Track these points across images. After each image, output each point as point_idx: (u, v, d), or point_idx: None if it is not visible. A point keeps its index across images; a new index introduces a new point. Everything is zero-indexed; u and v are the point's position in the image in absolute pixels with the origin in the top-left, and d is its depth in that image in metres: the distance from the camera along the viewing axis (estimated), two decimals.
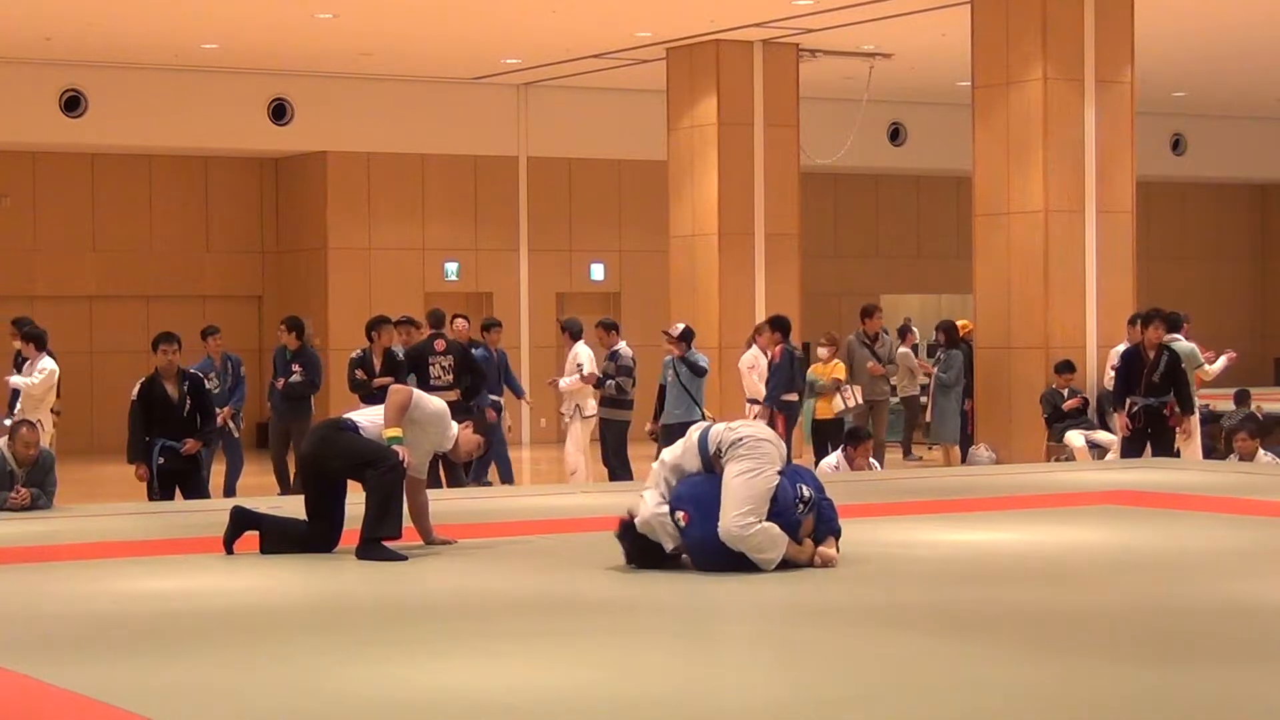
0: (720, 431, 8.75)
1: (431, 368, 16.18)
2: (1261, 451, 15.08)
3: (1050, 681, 6.13)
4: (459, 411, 14.36)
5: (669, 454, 8.90)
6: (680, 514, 8.60)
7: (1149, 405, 15.12)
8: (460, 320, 17.40)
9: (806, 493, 8.71)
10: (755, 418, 17.69)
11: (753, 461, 8.56)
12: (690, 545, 8.57)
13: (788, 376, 17.09)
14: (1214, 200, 32.71)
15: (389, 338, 16.54)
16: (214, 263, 25.59)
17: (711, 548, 8.48)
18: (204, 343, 16.97)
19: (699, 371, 16.57)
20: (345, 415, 9.78)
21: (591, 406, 17.37)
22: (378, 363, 16.37)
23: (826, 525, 8.82)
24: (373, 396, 15.50)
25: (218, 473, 16.68)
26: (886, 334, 21.15)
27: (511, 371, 18.84)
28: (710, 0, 19.84)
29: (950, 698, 5.92)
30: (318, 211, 25.16)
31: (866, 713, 5.78)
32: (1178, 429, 15.17)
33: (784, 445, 9.01)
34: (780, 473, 8.68)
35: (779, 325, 17.21)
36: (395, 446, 9.32)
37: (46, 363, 14.77)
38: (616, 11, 20.43)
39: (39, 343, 15.00)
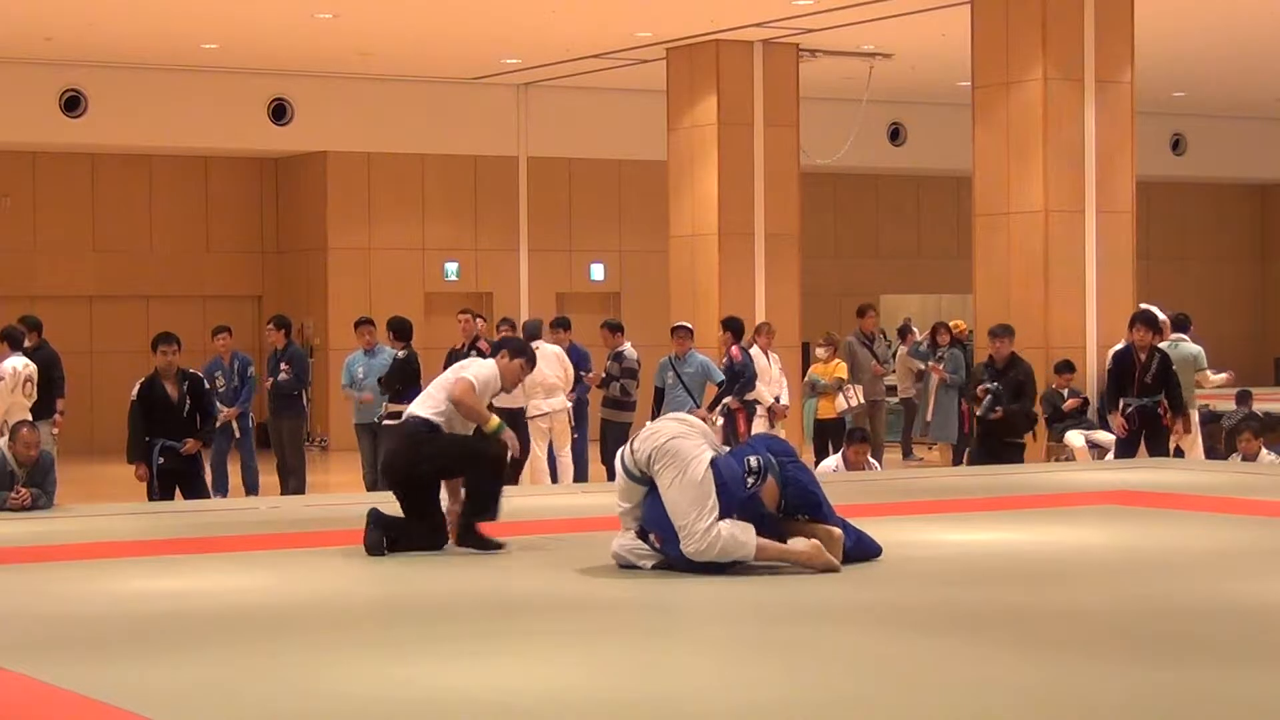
0: (629, 452, 8.54)
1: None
2: (1265, 451, 15.08)
3: (1050, 681, 6.13)
4: None
5: (617, 494, 8.74)
6: (652, 535, 8.55)
7: (1142, 406, 15.11)
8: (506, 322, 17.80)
9: (754, 462, 8.41)
10: (758, 418, 17.70)
11: (672, 469, 8.33)
12: (672, 562, 8.50)
13: (752, 375, 17.13)
14: (1214, 200, 32.72)
15: (360, 339, 16.78)
16: (214, 263, 25.60)
17: (690, 562, 8.40)
18: (213, 341, 17.05)
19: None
20: (413, 415, 9.55)
21: (538, 407, 17.17)
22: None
23: (795, 488, 8.53)
24: (397, 396, 15.75)
25: (233, 473, 16.71)
26: (885, 335, 21.16)
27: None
28: (710, 0, 19.84)
29: (950, 698, 5.92)
30: (318, 211, 25.16)
31: (866, 713, 5.78)
32: (1171, 429, 15.12)
33: (693, 420, 8.82)
34: (714, 449, 8.45)
35: (731, 326, 17.26)
36: (501, 436, 9.42)
37: (8, 364, 14.69)
38: (616, 11, 20.43)
39: (13, 342, 14.98)
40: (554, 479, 17.14)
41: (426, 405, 9.53)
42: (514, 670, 6.42)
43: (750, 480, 8.41)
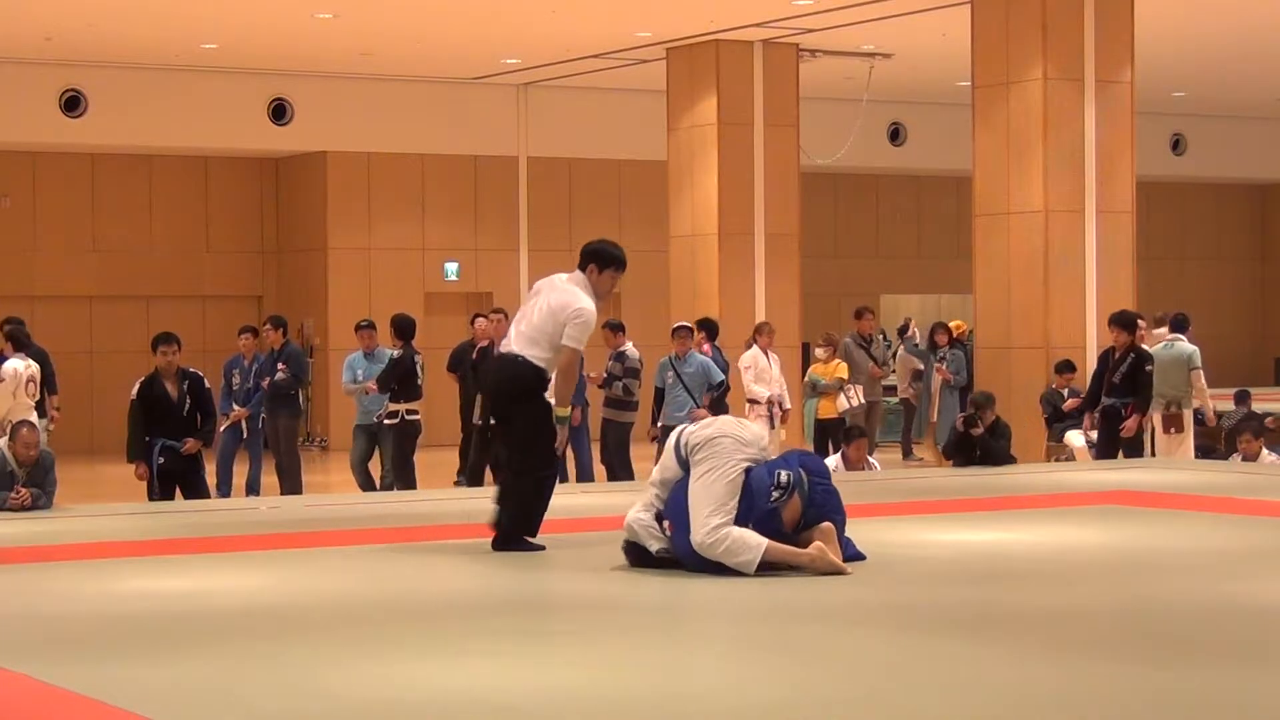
0: (688, 433, 8.60)
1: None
2: (1265, 451, 15.07)
3: (1050, 681, 6.13)
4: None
5: (657, 467, 8.79)
6: (666, 523, 8.56)
7: (1109, 406, 15.17)
8: (481, 320, 17.73)
9: (784, 477, 8.39)
10: (755, 418, 17.71)
11: (710, 463, 8.38)
12: (678, 554, 8.51)
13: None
14: (1214, 200, 32.72)
15: (361, 341, 16.80)
16: (214, 263, 25.59)
17: (695, 556, 8.41)
18: (237, 339, 17.14)
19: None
20: (523, 356, 9.38)
21: None
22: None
23: (818, 510, 8.49)
24: (395, 396, 16.05)
25: (239, 472, 16.72)
26: (885, 336, 21.14)
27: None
28: (710, 0, 19.84)
29: (950, 698, 5.92)
30: (318, 211, 25.16)
31: (866, 713, 5.78)
32: (1124, 428, 15.11)
33: (754, 430, 8.79)
34: (756, 462, 8.45)
35: (706, 326, 17.29)
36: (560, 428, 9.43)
37: (10, 366, 14.67)
38: (616, 11, 20.43)
39: (16, 342, 14.98)
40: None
41: (536, 348, 9.40)
42: (514, 670, 6.42)
43: (775, 494, 8.40)
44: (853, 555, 8.71)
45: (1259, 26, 21.85)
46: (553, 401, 9.50)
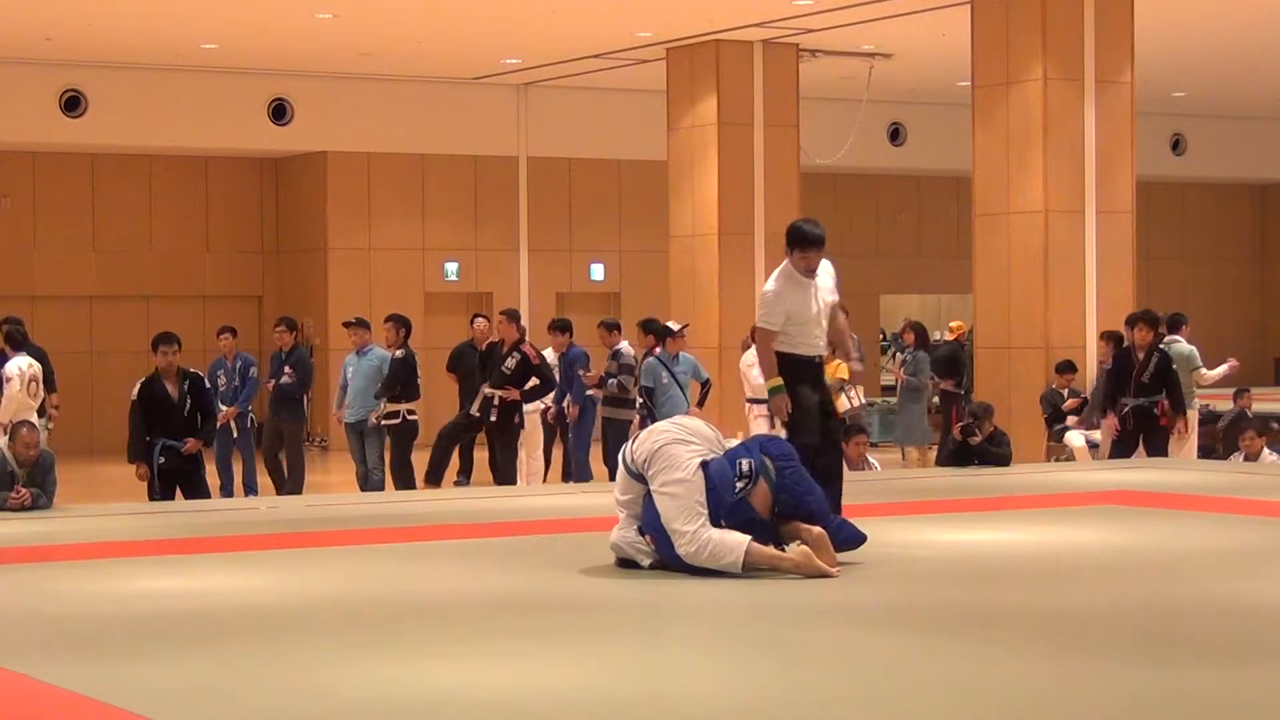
0: (631, 451, 8.56)
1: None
2: (1266, 450, 15.08)
3: (1050, 681, 6.13)
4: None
5: (616, 489, 8.76)
6: (647, 537, 8.54)
7: (1139, 406, 15.11)
8: (481, 320, 17.66)
9: (745, 466, 8.32)
10: (756, 418, 17.72)
11: (665, 473, 8.35)
12: (667, 562, 8.48)
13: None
14: (1214, 200, 32.72)
15: (350, 339, 16.84)
16: (214, 263, 25.60)
17: (684, 563, 8.38)
18: (217, 339, 17.14)
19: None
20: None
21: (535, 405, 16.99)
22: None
23: (789, 495, 8.40)
24: (396, 397, 16.13)
25: (236, 473, 16.74)
26: (884, 336, 21.13)
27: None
28: (710, 0, 19.84)
29: (950, 698, 5.92)
30: (318, 211, 25.16)
31: (866, 713, 5.78)
32: (1173, 429, 15.09)
33: (695, 423, 8.72)
34: (709, 452, 8.40)
35: (652, 329, 17.23)
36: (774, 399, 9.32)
37: (13, 365, 14.66)
38: (616, 11, 20.42)
39: (14, 342, 14.98)
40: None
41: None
42: (514, 670, 6.42)
43: (739, 485, 8.34)
44: (852, 535, 8.69)
45: (1259, 26, 21.84)
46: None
